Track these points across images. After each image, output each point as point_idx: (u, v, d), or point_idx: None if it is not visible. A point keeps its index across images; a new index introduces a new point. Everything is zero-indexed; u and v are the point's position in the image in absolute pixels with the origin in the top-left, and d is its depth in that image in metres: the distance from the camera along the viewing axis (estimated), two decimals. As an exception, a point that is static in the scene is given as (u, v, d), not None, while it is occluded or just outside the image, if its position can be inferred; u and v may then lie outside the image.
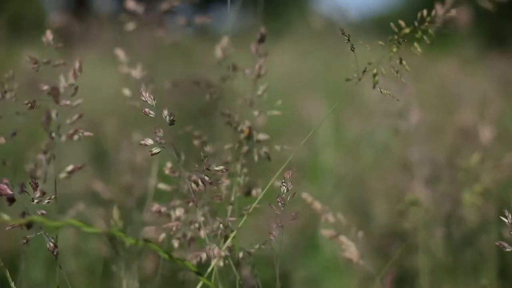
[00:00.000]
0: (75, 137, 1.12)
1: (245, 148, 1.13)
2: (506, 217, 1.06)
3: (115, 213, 1.14)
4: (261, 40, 1.15)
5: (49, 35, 1.10)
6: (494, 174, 1.63)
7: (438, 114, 2.57)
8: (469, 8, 2.53)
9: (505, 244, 1.09)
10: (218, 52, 1.20)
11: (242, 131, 1.13)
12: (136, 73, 1.25)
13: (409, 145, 1.82)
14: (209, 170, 1.05)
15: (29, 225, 1.01)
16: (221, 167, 1.06)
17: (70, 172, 1.12)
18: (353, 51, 1.01)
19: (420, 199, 1.50)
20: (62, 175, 1.12)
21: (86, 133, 1.11)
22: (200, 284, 1.05)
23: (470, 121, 2.04)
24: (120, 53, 1.28)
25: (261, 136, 1.14)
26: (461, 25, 2.43)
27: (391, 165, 2.31)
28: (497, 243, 1.10)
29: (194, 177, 1.03)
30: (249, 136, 1.14)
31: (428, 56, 4.13)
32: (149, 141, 1.02)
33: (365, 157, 2.67)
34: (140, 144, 1.01)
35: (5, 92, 1.09)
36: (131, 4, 1.43)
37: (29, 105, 1.05)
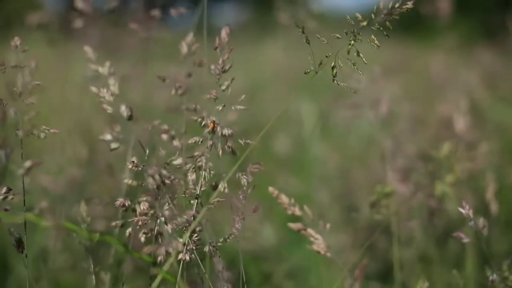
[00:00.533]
0: (42, 134, 1.12)
1: (209, 142, 1.14)
2: (463, 208, 1.08)
3: (83, 208, 1.16)
4: (226, 36, 1.15)
5: (16, 40, 1.11)
6: (467, 164, 1.64)
7: (421, 106, 2.58)
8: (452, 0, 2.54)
9: (462, 235, 1.11)
10: (183, 48, 1.20)
11: (206, 125, 1.14)
12: (104, 70, 1.25)
13: (389, 137, 1.83)
14: (168, 164, 1.06)
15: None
16: (181, 161, 1.06)
17: (29, 169, 1.12)
18: (308, 43, 1.02)
19: (392, 191, 1.50)
20: (21, 171, 1.13)
21: (53, 130, 1.12)
22: (159, 278, 1.06)
23: (451, 112, 2.05)
24: (88, 49, 1.28)
25: (226, 131, 1.15)
26: (442, 15, 2.43)
27: (375, 158, 2.32)
28: (455, 234, 1.12)
29: (150, 171, 1.04)
30: (214, 131, 1.14)
31: (413, 48, 4.15)
32: (108, 137, 1.03)
33: (350, 150, 2.68)
34: (100, 139, 1.02)
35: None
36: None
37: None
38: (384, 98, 1.74)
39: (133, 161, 1.10)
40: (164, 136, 1.17)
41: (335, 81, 1.07)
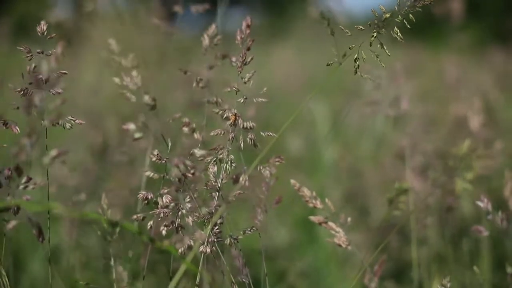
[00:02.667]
0: (67, 125, 1.12)
1: (231, 135, 1.14)
2: (482, 202, 1.08)
3: (103, 199, 1.16)
4: (247, 27, 1.15)
5: (43, 26, 1.11)
6: (486, 161, 1.64)
7: (435, 106, 2.58)
8: (466, 1, 2.54)
9: (482, 229, 1.11)
10: (205, 40, 1.20)
11: (227, 118, 1.14)
12: (127, 62, 1.25)
13: (404, 135, 1.83)
14: (192, 156, 1.06)
15: (16, 211, 1.02)
16: (203, 152, 1.07)
17: (55, 157, 1.12)
18: (332, 35, 1.02)
19: (409, 188, 1.50)
20: (46, 160, 1.13)
21: (78, 121, 1.12)
22: (182, 269, 1.06)
23: (464, 112, 2.05)
24: (112, 42, 1.28)
25: (247, 123, 1.15)
26: (455, 17, 2.43)
27: (388, 156, 2.32)
28: (473, 228, 1.11)
29: (175, 161, 1.04)
30: (235, 123, 1.14)
31: (427, 50, 4.15)
32: (131, 126, 1.03)
33: (363, 149, 2.68)
34: (123, 129, 1.02)
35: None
36: None
37: (22, 92, 1.06)
38: (404, 96, 1.74)
39: (157, 154, 1.11)
40: (185, 129, 1.17)
41: (358, 73, 1.07)
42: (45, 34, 1.11)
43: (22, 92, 1.08)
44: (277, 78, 4.13)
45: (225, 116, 1.15)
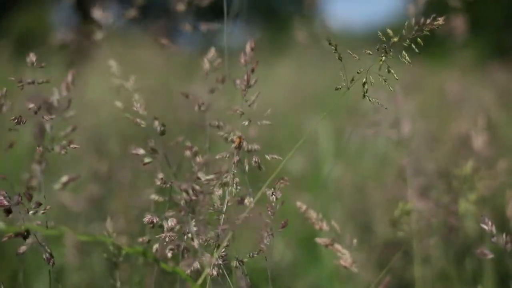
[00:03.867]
0: (63, 151, 1.12)
1: (236, 158, 1.14)
2: (486, 224, 1.08)
3: (108, 223, 1.16)
4: (251, 50, 1.16)
5: (32, 56, 1.11)
6: (489, 182, 1.64)
7: (437, 124, 2.58)
8: (467, 18, 2.54)
9: (486, 252, 1.11)
10: (206, 64, 1.21)
11: (232, 141, 1.14)
12: (129, 84, 1.26)
13: (407, 155, 1.83)
14: (200, 179, 1.07)
15: (25, 236, 1.03)
16: (211, 176, 1.07)
17: (65, 183, 1.13)
18: (340, 60, 1.02)
19: (412, 208, 1.50)
20: (57, 186, 1.13)
21: (74, 146, 1.12)
22: (192, 291, 1.06)
23: (467, 130, 2.05)
24: (112, 64, 1.28)
25: (252, 146, 1.15)
26: (457, 34, 2.44)
27: (391, 175, 2.32)
28: (478, 251, 1.12)
29: (184, 186, 1.04)
30: (240, 146, 1.14)
31: (428, 66, 4.15)
32: (141, 151, 1.03)
33: (365, 168, 2.68)
34: (132, 154, 1.02)
35: (2, 105, 1.10)
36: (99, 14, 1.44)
37: (16, 120, 1.06)
38: (405, 117, 1.75)
39: (161, 178, 1.11)
40: (188, 153, 1.17)
41: (366, 97, 1.07)
42: (34, 64, 1.11)
43: (17, 120, 1.08)
44: (278, 95, 4.14)
45: (229, 139, 1.15)
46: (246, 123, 1.15)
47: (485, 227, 1.14)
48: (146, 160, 1.04)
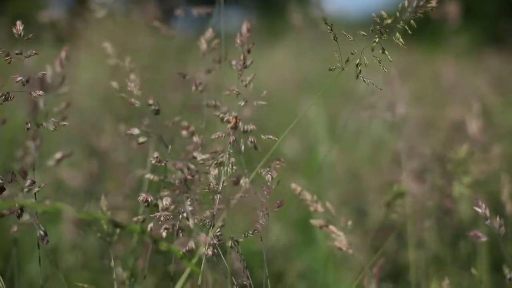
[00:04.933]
0: (51, 127, 1.11)
1: (232, 138, 1.14)
2: (480, 207, 1.09)
3: (103, 201, 1.16)
4: (247, 31, 1.16)
5: (19, 26, 1.10)
6: (483, 166, 1.65)
7: (432, 109, 2.59)
8: (462, 4, 2.54)
9: (480, 234, 1.12)
10: (203, 44, 1.20)
11: (228, 121, 1.14)
12: (125, 65, 1.25)
13: (401, 139, 1.83)
14: (195, 159, 1.07)
15: (19, 214, 1.02)
16: (206, 156, 1.07)
17: (59, 160, 1.13)
18: (335, 40, 1.02)
19: (406, 190, 1.51)
20: (51, 162, 1.13)
21: (64, 123, 1.11)
22: (187, 271, 1.06)
23: (462, 116, 2.06)
24: (107, 45, 1.28)
25: (248, 126, 1.15)
26: (451, 20, 2.44)
27: (386, 159, 2.33)
28: (471, 233, 1.12)
29: (179, 165, 1.04)
30: (236, 126, 1.14)
31: (423, 52, 4.16)
32: (135, 131, 1.03)
33: (360, 151, 2.69)
34: (127, 134, 1.02)
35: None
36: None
37: (3, 97, 1.06)
38: (400, 100, 1.75)
39: (156, 156, 1.11)
40: (184, 132, 1.17)
41: (361, 77, 1.07)
42: (21, 35, 1.10)
43: (4, 96, 1.07)
44: (273, 79, 4.13)
45: (225, 119, 1.15)
46: (242, 103, 1.15)
47: (478, 210, 1.14)
48: (141, 139, 1.04)
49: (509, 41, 3.81)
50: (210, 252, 1.11)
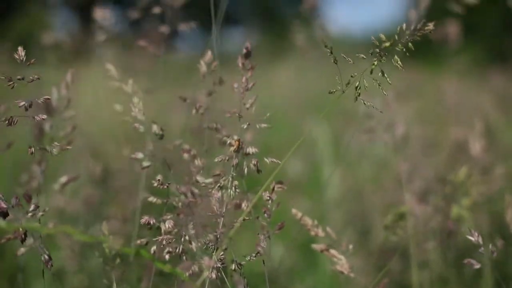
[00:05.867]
0: (54, 151, 1.12)
1: (234, 161, 1.15)
2: (473, 236, 1.10)
3: (104, 226, 1.17)
4: (247, 54, 1.16)
5: (20, 51, 1.10)
6: (483, 188, 1.65)
7: (435, 129, 2.59)
8: (464, 23, 2.55)
9: (473, 262, 1.13)
10: (202, 67, 1.21)
11: (231, 144, 1.15)
12: (128, 88, 1.26)
13: (404, 159, 1.83)
14: (198, 182, 1.07)
15: (23, 238, 1.03)
16: (210, 180, 1.07)
17: (64, 184, 1.13)
18: (335, 63, 1.03)
19: (407, 212, 1.51)
20: (56, 186, 1.14)
21: (69, 147, 1.12)
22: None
23: (464, 135, 2.06)
24: (110, 67, 1.29)
25: (250, 149, 1.15)
26: (451, 40, 2.45)
27: (389, 180, 2.33)
28: (466, 261, 1.13)
29: (182, 189, 1.05)
30: (239, 150, 1.15)
31: (425, 72, 4.17)
32: (139, 155, 1.04)
33: (363, 171, 2.69)
34: (131, 158, 1.03)
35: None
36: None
37: (6, 122, 1.06)
38: (399, 122, 1.75)
39: (158, 179, 1.11)
40: (186, 155, 1.18)
41: (360, 100, 1.08)
42: (23, 60, 1.10)
43: (7, 121, 1.08)
44: (276, 98, 4.14)
45: (228, 142, 1.15)
46: (245, 126, 1.15)
47: (472, 238, 1.16)
48: (145, 164, 1.04)
49: (511, 58, 3.83)
50: (214, 276, 1.11)
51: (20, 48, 1.09)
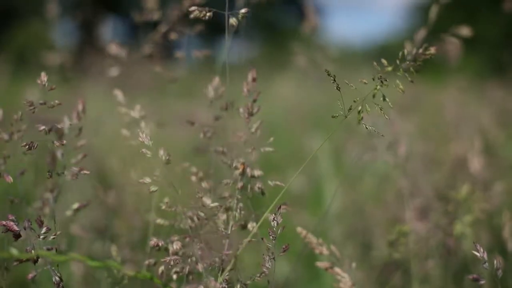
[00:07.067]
0: (69, 177, 1.15)
1: (240, 184, 1.17)
2: (478, 251, 1.11)
3: (113, 249, 1.19)
4: (253, 80, 1.19)
5: (43, 77, 1.14)
6: (484, 204, 1.67)
7: (435, 145, 2.61)
8: (463, 40, 2.56)
9: (479, 277, 1.14)
10: (210, 92, 1.24)
11: (236, 167, 1.17)
12: (135, 113, 1.29)
13: (406, 176, 1.85)
14: (204, 206, 1.10)
15: (35, 260, 1.05)
16: (216, 204, 1.10)
17: (76, 210, 1.16)
18: (338, 90, 1.05)
19: (409, 230, 1.53)
20: (69, 212, 1.16)
21: (85, 172, 1.15)
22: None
23: (465, 151, 2.08)
24: (118, 93, 1.32)
25: (256, 172, 1.18)
26: (451, 58, 2.47)
27: (390, 195, 2.34)
28: (471, 277, 1.14)
29: (189, 214, 1.07)
30: (244, 172, 1.17)
31: (426, 87, 4.18)
32: (147, 180, 1.06)
33: (365, 187, 2.71)
34: (139, 183, 1.05)
35: (12, 133, 1.13)
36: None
37: (27, 146, 1.09)
38: (402, 140, 1.78)
39: (166, 202, 1.14)
40: (193, 178, 1.20)
41: (363, 124, 1.10)
42: (45, 85, 1.13)
43: (28, 146, 1.10)
44: (277, 111, 4.16)
45: (234, 165, 1.18)
46: (250, 150, 1.18)
47: (477, 254, 1.17)
48: (152, 188, 1.07)
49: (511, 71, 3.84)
50: (219, 296, 1.13)
51: (43, 74, 1.12)
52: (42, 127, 1.11)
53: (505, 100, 3.47)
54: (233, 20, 1.12)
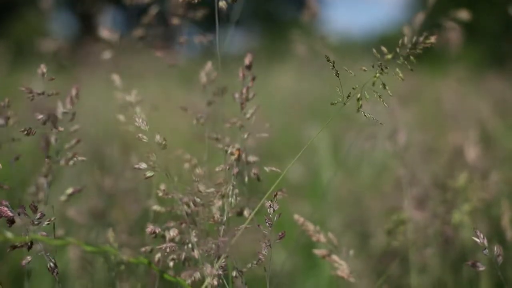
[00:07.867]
0: (71, 162, 1.15)
1: (235, 170, 1.16)
2: (478, 237, 1.10)
3: (110, 234, 1.18)
4: (249, 67, 1.18)
5: (43, 68, 1.13)
6: (482, 193, 1.67)
7: (434, 135, 2.60)
8: (464, 28, 2.56)
9: (478, 264, 1.13)
10: (203, 78, 1.23)
11: (232, 153, 1.17)
12: (131, 98, 1.28)
13: (404, 165, 1.85)
14: (201, 192, 1.09)
15: (30, 246, 1.05)
16: (212, 189, 1.09)
17: (70, 195, 1.15)
18: (337, 76, 1.04)
19: (407, 219, 1.53)
20: (63, 197, 1.15)
21: (80, 158, 1.15)
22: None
23: (463, 141, 2.07)
24: (116, 78, 1.31)
25: (251, 158, 1.17)
26: (452, 47, 2.46)
27: (389, 185, 2.34)
28: (470, 262, 1.13)
29: (185, 199, 1.07)
30: (239, 158, 1.17)
31: (425, 77, 4.18)
32: (143, 165, 1.06)
33: (363, 176, 2.70)
34: (134, 168, 1.05)
35: (8, 118, 1.13)
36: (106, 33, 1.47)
37: (25, 132, 1.08)
38: (401, 129, 1.77)
39: (163, 189, 1.13)
40: (187, 165, 1.19)
41: (362, 112, 1.09)
42: (44, 76, 1.13)
43: (26, 131, 1.10)
44: (276, 102, 4.15)
45: (229, 151, 1.17)
46: (245, 136, 1.17)
47: (477, 240, 1.16)
48: (148, 174, 1.06)
49: (511, 63, 3.84)
50: (215, 283, 1.13)
51: (42, 65, 1.11)
52: (40, 116, 1.11)
53: (504, 91, 3.46)
54: (222, 3, 1.11)
